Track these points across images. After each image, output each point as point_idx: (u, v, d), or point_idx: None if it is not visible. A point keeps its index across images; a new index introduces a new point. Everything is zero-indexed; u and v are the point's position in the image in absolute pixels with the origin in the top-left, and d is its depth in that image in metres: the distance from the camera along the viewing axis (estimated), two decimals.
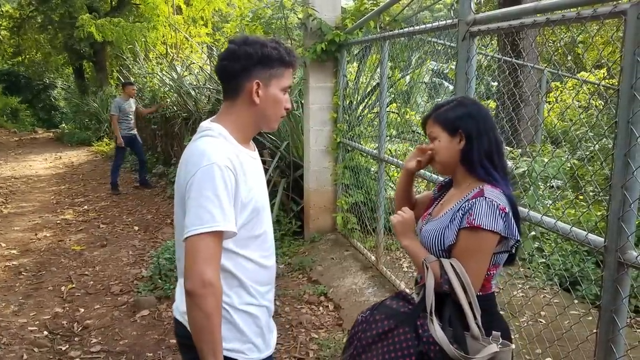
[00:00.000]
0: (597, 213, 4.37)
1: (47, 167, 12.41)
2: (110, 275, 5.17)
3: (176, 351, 3.70)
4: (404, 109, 5.93)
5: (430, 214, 1.97)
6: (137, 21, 16.68)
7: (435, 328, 1.67)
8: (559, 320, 3.09)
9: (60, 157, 14.10)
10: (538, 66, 7.13)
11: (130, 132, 8.95)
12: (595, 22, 2.14)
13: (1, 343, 3.81)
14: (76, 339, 3.93)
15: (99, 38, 15.07)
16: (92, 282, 5.00)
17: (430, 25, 3.52)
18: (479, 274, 1.73)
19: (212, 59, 10.11)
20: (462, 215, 1.72)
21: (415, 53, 5.73)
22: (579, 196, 4.81)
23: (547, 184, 4.91)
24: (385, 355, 1.75)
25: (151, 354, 3.69)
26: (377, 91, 5.61)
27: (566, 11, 2.21)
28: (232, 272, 1.62)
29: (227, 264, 1.59)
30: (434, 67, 6.60)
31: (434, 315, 1.71)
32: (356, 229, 5.37)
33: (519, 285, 3.94)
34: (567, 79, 8.07)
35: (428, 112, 1.95)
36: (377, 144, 4.60)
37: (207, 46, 12.49)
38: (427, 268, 1.74)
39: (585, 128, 6.35)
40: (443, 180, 2.12)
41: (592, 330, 2.29)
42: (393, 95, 5.84)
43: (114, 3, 19.53)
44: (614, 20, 2.08)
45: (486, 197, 1.71)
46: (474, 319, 1.69)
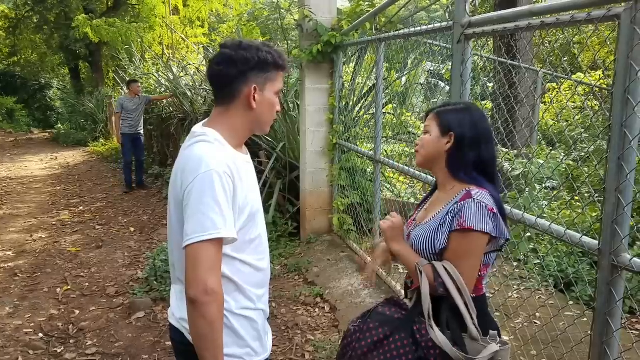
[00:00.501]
0: (592, 214, 4.38)
1: (42, 168, 12.38)
2: (106, 276, 5.16)
3: (172, 353, 3.69)
4: (400, 110, 5.94)
5: (415, 219, 1.97)
6: (133, 21, 16.65)
7: (436, 333, 1.67)
8: (553, 322, 3.10)
9: (56, 158, 14.07)
10: (533, 67, 7.15)
11: (132, 130, 8.92)
12: (591, 24, 2.15)
13: None
14: (71, 341, 3.92)
15: (94, 39, 15.06)
16: (87, 284, 4.99)
17: (426, 28, 3.53)
18: (472, 275, 1.74)
19: (208, 59, 10.09)
20: (452, 218, 1.72)
21: (411, 54, 5.74)
22: (574, 197, 4.82)
23: (542, 185, 4.93)
24: None
25: (147, 356, 3.68)
26: (373, 92, 5.62)
27: (561, 14, 2.22)
28: (229, 277, 1.61)
29: (224, 269, 1.58)
30: (430, 68, 6.61)
31: (432, 320, 1.71)
32: (352, 230, 5.38)
33: (514, 287, 3.94)
34: (563, 81, 8.09)
35: (432, 107, 1.95)
36: (373, 145, 4.61)
37: (204, 47, 12.47)
38: (421, 272, 1.74)
39: (581, 129, 6.37)
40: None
41: (587, 332, 2.30)
42: (389, 96, 5.85)
43: (110, 3, 19.48)
44: (609, 22, 2.08)
45: (474, 199, 1.71)
46: (471, 320, 1.69)
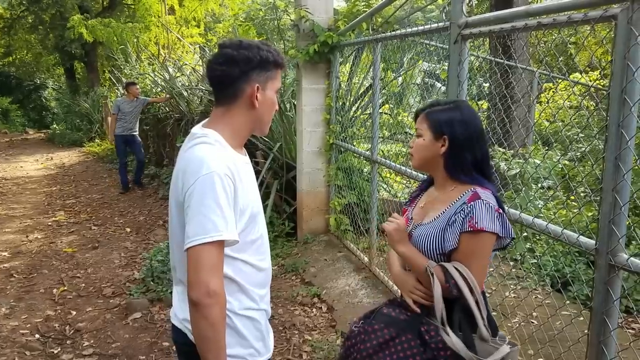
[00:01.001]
0: (589, 214, 4.40)
1: (38, 168, 12.34)
2: (102, 277, 5.15)
3: (169, 354, 3.69)
4: (397, 110, 5.95)
5: (412, 218, 1.95)
6: (129, 21, 16.61)
7: (452, 337, 1.64)
8: (550, 322, 3.11)
9: (52, 158, 14.02)
10: (530, 67, 7.16)
11: (125, 132, 8.89)
12: (587, 25, 2.16)
13: None
14: (68, 342, 3.90)
15: (89, 39, 15.02)
16: (84, 285, 4.97)
17: (422, 28, 3.54)
18: (483, 275, 1.74)
19: (204, 59, 10.08)
20: (463, 219, 1.70)
21: (408, 54, 5.75)
22: (570, 197, 4.83)
23: (538, 185, 4.94)
24: None
25: (144, 357, 3.67)
26: (369, 92, 5.62)
27: (557, 15, 2.22)
28: (232, 278, 1.62)
29: (226, 270, 1.58)
30: (426, 68, 6.62)
31: (446, 324, 1.68)
32: (349, 230, 5.38)
33: (511, 287, 3.95)
34: (559, 81, 8.11)
35: (422, 106, 1.92)
36: (370, 145, 4.61)
37: (200, 47, 12.46)
38: (432, 275, 1.71)
39: (577, 129, 6.39)
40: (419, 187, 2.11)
41: (584, 331, 2.31)
42: (385, 96, 5.86)
43: (105, 3, 19.43)
44: (605, 23, 2.09)
45: (483, 200, 1.71)
46: (482, 321, 1.68)
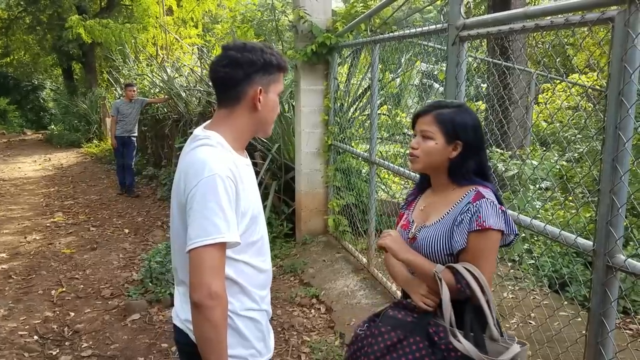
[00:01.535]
0: (586, 215, 4.41)
1: (36, 169, 12.33)
2: (101, 278, 5.15)
3: (167, 355, 3.70)
4: (395, 111, 5.96)
5: (412, 220, 1.93)
6: (127, 22, 16.60)
7: (462, 341, 1.64)
8: (548, 322, 3.12)
9: (50, 159, 14.01)
10: (527, 69, 7.18)
11: (124, 134, 8.85)
12: (585, 27, 2.17)
13: None
14: (67, 343, 3.90)
15: (87, 40, 15.00)
16: (82, 286, 4.97)
17: (421, 30, 3.54)
18: (492, 273, 1.75)
19: (202, 60, 10.09)
20: (470, 218, 1.70)
21: (405, 54, 5.76)
22: (567, 198, 4.84)
23: (536, 186, 4.95)
24: None
25: (142, 358, 3.67)
26: (368, 93, 5.63)
27: (555, 17, 2.23)
28: (233, 279, 1.63)
29: (228, 271, 1.59)
30: (424, 69, 6.63)
31: (455, 327, 1.67)
32: (347, 231, 5.39)
33: (509, 287, 3.96)
34: (557, 82, 8.12)
35: (425, 106, 1.87)
36: (368, 146, 4.62)
37: (198, 47, 12.45)
38: (441, 280, 1.70)
39: (574, 130, 6.40)
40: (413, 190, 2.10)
41: (582, 332, 2.31)
42: (384, 97, 5.87)
43: (103, 4, 19.42)
44: (602, 25, 2.10)
45: (487, 199, 1.72)
46: (493, 320, 1.68)
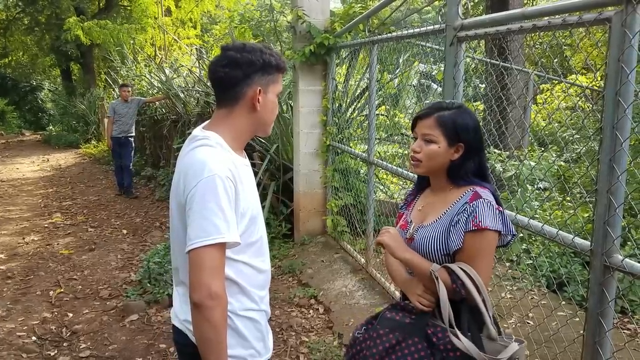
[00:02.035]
0: (584, 215, 4.41)
1: (34, 170, 12.31)
2: (99, 279, 5.14)
3: (166, 356, 3.69)
4: (393, 112, 5.96)
5: (410, 221, 1.93)
6: (125, 23, 16.60)
7: (462, 339, 1.64)
8: (546, 322, 3.13)
9: (48, 160, 14.00)
10: (525, 69, 7.19)
11: (121, 134, 8.85)
12: (582, 27, 2.17)
13: None
14: (65, 344, 3.90)
15: (85, 41, 15.00)
16: (80, 287, 4.97)
17: (419, 30, 3.55)
18: (489, 274, 1.75)
19: (200, 61, 10.09)
20: (466, 218, 1.71)
21: (404, 55, 5.76)
22: (565, 198, 4.85)
23: (534, 186, 4.96)
24: None
25: (140, 359, 3.67)
26: (366, 94, 5.64)
27: (552, 17, 2.24)
28: (233, 279, 1.63)
29: (227, 272, 1.59)
30: (422, 70, 6.63)
31: (455, 327, 1.68)
32: (346, 231, 5.39)
33: (507, 287, 3.97)
34: (555, 82, 8.14)
35: (426, 109, 1.86)
36: (367, 146, 4.63)
37: (196, 48, 12.46)
38: (437, 278, 1.70)
39: (572, 130, 6.41)
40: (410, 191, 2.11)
41: (579, 332, 2.32)
42: (382, 97, 5.87)
43: (101, 4, 19.42)
44: (600, 25, 2.11)
45: (484, 199, 1.72)
46: (490, 320, 1.69)
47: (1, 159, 14.07)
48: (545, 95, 8.40)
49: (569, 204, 4.84)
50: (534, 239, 4.59)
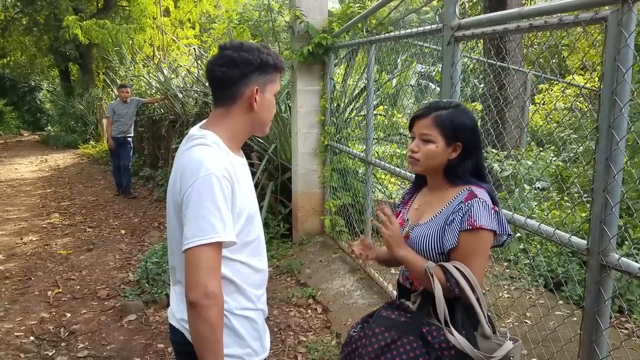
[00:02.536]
0: (582, 214, 4.42)
1: (32, 170, 12.31)
2: (97, 279, 5.14)
3: (164, 356, 3.70)
4: (391, 112, 5.97)
5: (407, 219, 1.94)
6: (124, 23, 16.59)
7: (457, 337, 1.64)
8: (543, 321, 3.13)
9: (46, 160, 13.99)
10: (522, 69, 7.20)
11: (120, 135, 8.84)
12: (578, 27, 2.18)
13: None
14: (63, 344, 3.90)
15: (84, 40, 14.98)
16: (78, 287, 4.97)
17: (416, 30, 3.56)
18: (482, 273, 1.75)
19: (199, 61, 10.09)
20: (461, 217, 1.71)
21: (402, 55, 5.77)
22: (563, 197, 4.86)
23: (532, 185, 4.97)
24: None
25: (138, 359, 3.67)
26: (364, 94, 5.64)
27: (549, 17, 2.24)
28: (230, 278, 1.63)
29: (224, 271, 1.59)
30: (420, 70, 6.64)
31: (450, 324, 1.68)
32: (344, 231, 5.39)
33: (505, 287, 3.97)
34: (552, 82, 8.15)
35: (423, 109, 1.86)
36: (365, 146, 4.63)
37: (195, 48, 12.44)
38: (432, 276, 1.71)
39: (569, 130, 6.42)
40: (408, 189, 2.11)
41: (577, 331, 2.32)
42: (380, 97, 5.87)
43: (99, 5, 19.40)
44: (596, 25, 2.11)
45: (480, 198, 1.73)
46: (484, 318, 1.69)
47: (0, 160, 14.07)
48: (543, 95, 8.40)
49: (566, 203, 4.85)
50: (531, 238, 4.59)
